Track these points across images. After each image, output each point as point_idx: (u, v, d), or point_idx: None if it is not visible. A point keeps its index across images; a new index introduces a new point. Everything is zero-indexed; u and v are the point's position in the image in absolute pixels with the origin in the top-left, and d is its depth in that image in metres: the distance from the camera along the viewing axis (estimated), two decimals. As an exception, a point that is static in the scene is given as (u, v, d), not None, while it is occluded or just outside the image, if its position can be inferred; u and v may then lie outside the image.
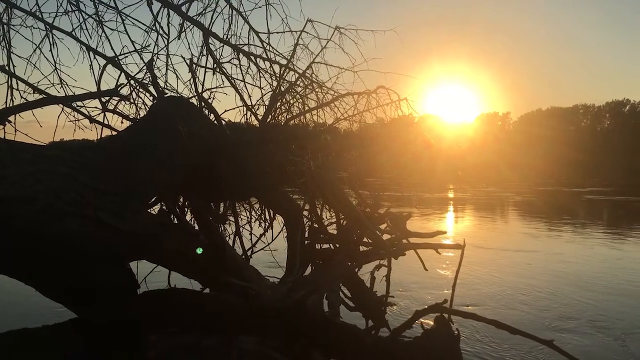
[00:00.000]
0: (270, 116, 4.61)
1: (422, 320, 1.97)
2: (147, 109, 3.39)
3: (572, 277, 9.24)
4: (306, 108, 5.02)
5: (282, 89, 4.74)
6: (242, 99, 4.02)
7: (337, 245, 4.54)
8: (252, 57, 3.98)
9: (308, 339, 1.72)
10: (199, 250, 2.67)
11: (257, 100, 4.55)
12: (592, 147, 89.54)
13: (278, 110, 4.82)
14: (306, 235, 4.54)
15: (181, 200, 3.62)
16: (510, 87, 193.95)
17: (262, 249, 4.54)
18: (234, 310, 1.88)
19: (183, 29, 3.57)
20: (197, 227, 2.84)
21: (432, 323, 1.80)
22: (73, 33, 3.45)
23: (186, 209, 3.51)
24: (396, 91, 5.15)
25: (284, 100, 4.85)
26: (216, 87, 3.63)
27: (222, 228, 4.46)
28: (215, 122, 3.60)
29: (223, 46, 3.93)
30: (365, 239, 4.60)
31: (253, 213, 4.73)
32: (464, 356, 1.75)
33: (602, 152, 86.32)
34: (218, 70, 3.75)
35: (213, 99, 3.70)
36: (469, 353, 5.35)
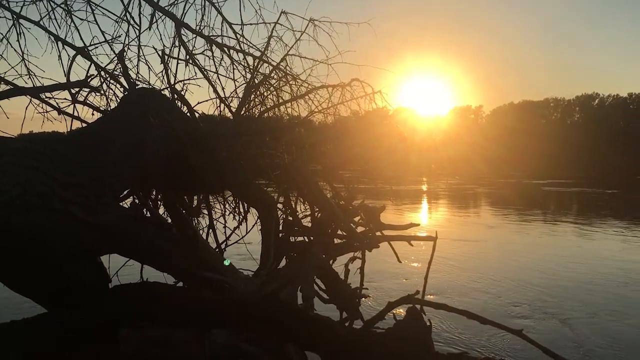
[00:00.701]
0: (244, 109, 4.58)
1: (395, 311, 2.00)
2: (118, 100, 3.34)
3: (520, 265, 9.77)
4: (280, 101, 4.99)
5: (256, 81, 4.70)
6: (215, 91, 3.98)
7: (312, 238, 4.54)
8: (225, 49, 3.94)
9: (281, 331, 1.72)
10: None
11: (231, 93, 4.51)
12: (562, 139, 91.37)
13: (252, 102, 4.79)
14: (280, 228, 4.54)
15: (154, 193, 3.58)
16: (483, 80, 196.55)
17: (236, 241, 4.53)
18: (207, 303, 1.87)
19: (155, 20, 3.52)
20: (170, 221, 2.82)
21: (405, 314, 1.81)
22: (41, 22, 3.37)
23: (159, 202, 3.48)
24: (370, 84, 5.15)
25: (258, 92, 4.81)
26: (188, 79, 3.58)
27: (196, 221, 4.43)
28: (188, 114, 3.56)
29: (196, 37, 3.88)
30: (339, 232, 4.62)
31: (227, 206, 4.71)
32: (435, 346, 1.77)
33: (572, 145, 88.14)
34: (191, 61, 3.70)
35: (186, 90, 3.66)
36: (439, 344, 5.51)
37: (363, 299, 4.62)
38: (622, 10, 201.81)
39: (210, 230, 4.24)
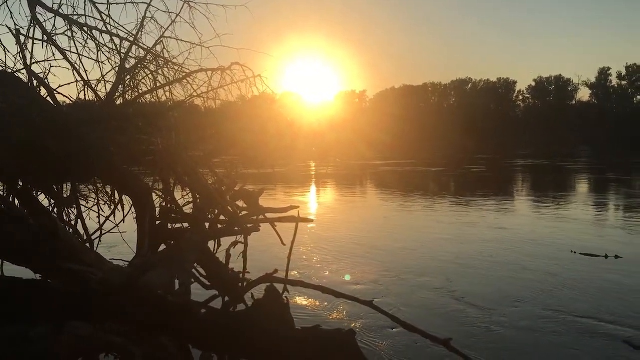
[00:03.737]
0: (117, 93, 4.39)
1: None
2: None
3: (339, 236, 11.45)
4: (158, 84, 4.85)
5: (129, 65, 4.53)
6: (79, 74, 3.78)
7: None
8: (87, 30, 3.74)
9: (138, 319, 1.70)
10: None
11: (102, 77, 4.31)
12: (438, 122, 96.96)
13: (127, 87, 4.61)
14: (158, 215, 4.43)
15: (12, 183, 3.34)
16: (368, 65, 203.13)
17: (109, 231, 4.35)
18: (66, 296, 1.79)
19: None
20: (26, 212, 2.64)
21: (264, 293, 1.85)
22: None
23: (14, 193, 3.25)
24: (252, 68, 5.12)
25: (132, 76, 4.64)
26: (45, 60, 3.37)
27: (67, 212, 4.20)
28: (48, 98, 3.35)
29: (56, 17, 3.64)
30: (222, 217, 4.59)
31: (102, 195, 4.51)
32: (297, 321, 1.84)
33: (445, 128, 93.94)
34: (49, 42, 3.47)
35: (44, 73, 3.44)
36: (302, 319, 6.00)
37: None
38: None
39: (79, 220, 4.04)
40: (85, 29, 3.73)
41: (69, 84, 3.70)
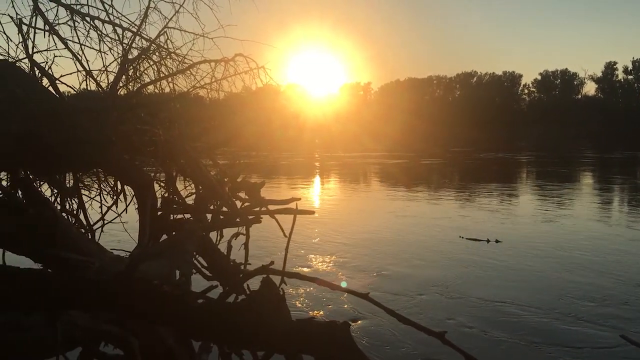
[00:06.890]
0: (120, 84, 4.38)
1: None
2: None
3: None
4: (162, 75, 4.84)
5: (131, 55, 4.52)
6: (80, 64, 3.77)
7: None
8: (89, 19, 3.73)
9: (137, 309, 1.70)
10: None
11: (104, 67, 4.30)
12: (444, 116, 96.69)
13: (130, 77, 4.60)
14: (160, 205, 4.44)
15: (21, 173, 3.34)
16: (372, 57, 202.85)
17: (110, 221, 4.37)
18: (63, 285, 1.80)
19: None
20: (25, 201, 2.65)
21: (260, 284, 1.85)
22: None
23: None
24: (256, 59, 5.09)
25: (135, 67, 4.63)
26: (47, 49, 3.36)
27: (70, 202, 4.21)
28: (50, 88, 3.34)
29: (58, 6, 3.64)
30: (224, 208, 4.60)
31: (104, 185, 4.52)
32: (293, 313, 1.85)
33: (451, 121, 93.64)
34: (51, 32, 3.46)
35: (47, 63, 3.43)
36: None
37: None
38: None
39: (81, 210, 4.05)
40: (88, 18, 3.72)
41: (70, 73, 3.69)
